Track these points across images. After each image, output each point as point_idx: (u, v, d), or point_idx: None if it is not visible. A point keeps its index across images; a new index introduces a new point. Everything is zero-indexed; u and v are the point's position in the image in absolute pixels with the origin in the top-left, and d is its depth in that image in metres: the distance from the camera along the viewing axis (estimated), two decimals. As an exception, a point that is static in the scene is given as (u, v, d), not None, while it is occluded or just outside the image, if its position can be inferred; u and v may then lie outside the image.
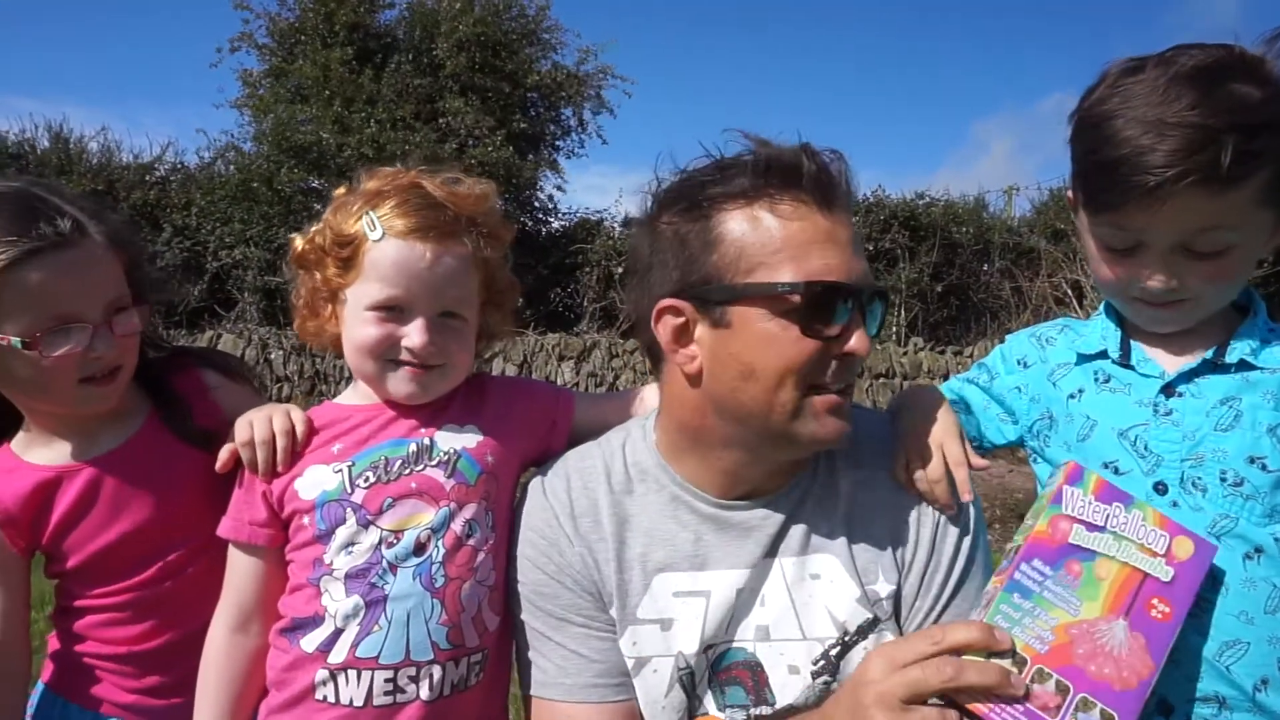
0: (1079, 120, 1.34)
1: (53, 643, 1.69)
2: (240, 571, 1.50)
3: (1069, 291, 12.26)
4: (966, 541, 1.35)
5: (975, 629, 1.08)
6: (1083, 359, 1.51)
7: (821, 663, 1.32)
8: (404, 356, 1.44)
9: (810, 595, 1.33)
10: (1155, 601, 1.12)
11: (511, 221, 1.60)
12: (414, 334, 1.42)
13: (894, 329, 12.41)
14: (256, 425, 1.47)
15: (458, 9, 13.53)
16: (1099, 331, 1.52)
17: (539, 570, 1.42)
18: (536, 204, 14.87)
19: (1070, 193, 1.46)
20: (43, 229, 1.41)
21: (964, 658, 1.07)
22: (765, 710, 1.33)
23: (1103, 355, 1.49)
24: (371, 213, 1.43)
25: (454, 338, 1.46)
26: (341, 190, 1.52)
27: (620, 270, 12.45)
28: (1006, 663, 1.06)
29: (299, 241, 1.53)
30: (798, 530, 1.35)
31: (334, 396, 1.70)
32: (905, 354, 10.87)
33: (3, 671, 1.57)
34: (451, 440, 1.48)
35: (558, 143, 15.45)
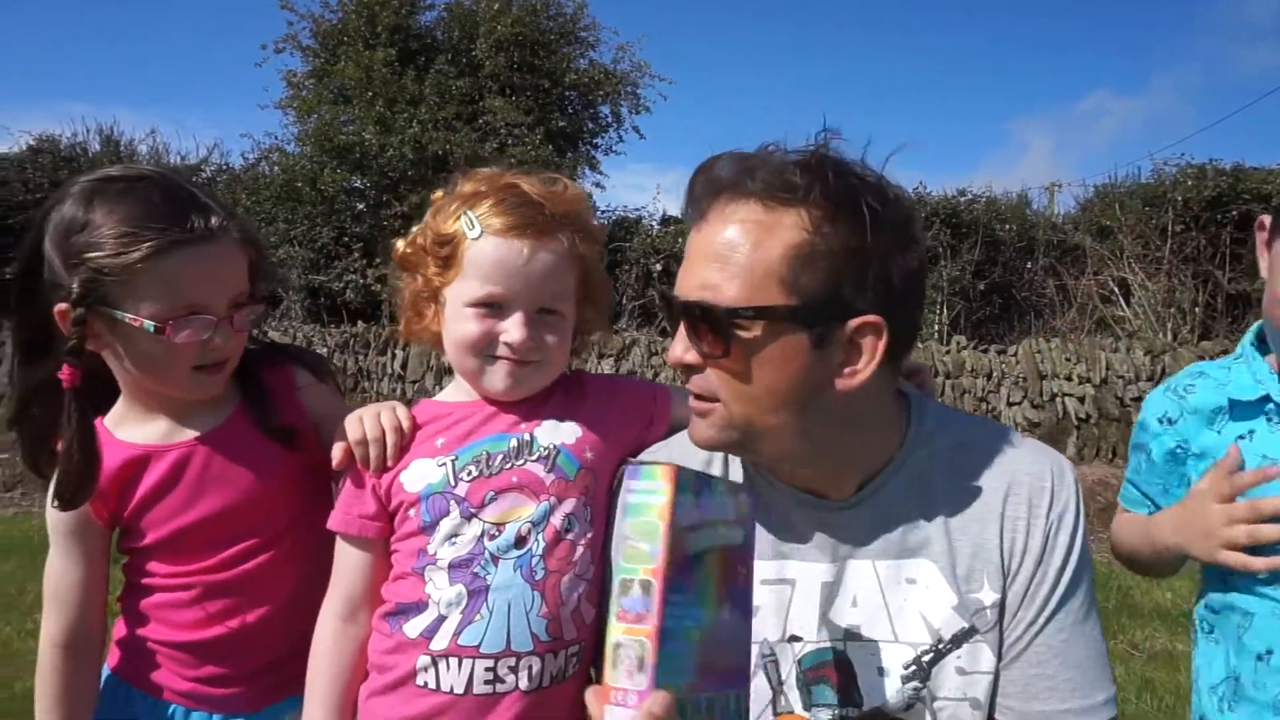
0: None
1: (118, 626, 1.74)
2: (348, 564, 1.53)
3: (1115, 290, 12.07)
4: (1075, 554, 1.32)
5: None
6: (1241, 404, 1.61)
7: (913, 668, 1.31)
8: (502, 352, 1.46)
9: (905, 599, 1.32)
10: (739, 569, 1.14)
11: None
12: (512, 329, 1.44)
13: (936, 328, 12.29)
14: (367, 423, 1.50)
15: (496, 9, 13.63)
16: (1249, 375, 1.61)
17: None
18: (575, 202, 14.89)
19: (1263, 227, 1.51)
20: (194, 222, 1.47)
21: None
22: (853, 712, 1.32)
23: (1265, 400, 1.59)
24: (469, 212, 1.45)
25: (550, 333, 1.48)
26: (439, 194, 1.56)
27: (659, 268, 12.47)
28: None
29: (400, 245, 1.56)
30: (893, 533, 1.34)
31: (375, 393, 1.75)
32: (948, 352, 10.68)
33: (80, 639, 1.65)
34: (551, 436, 1.50)
35: (595, 140, 15.51)
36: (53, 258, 1.48)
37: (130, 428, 1.63)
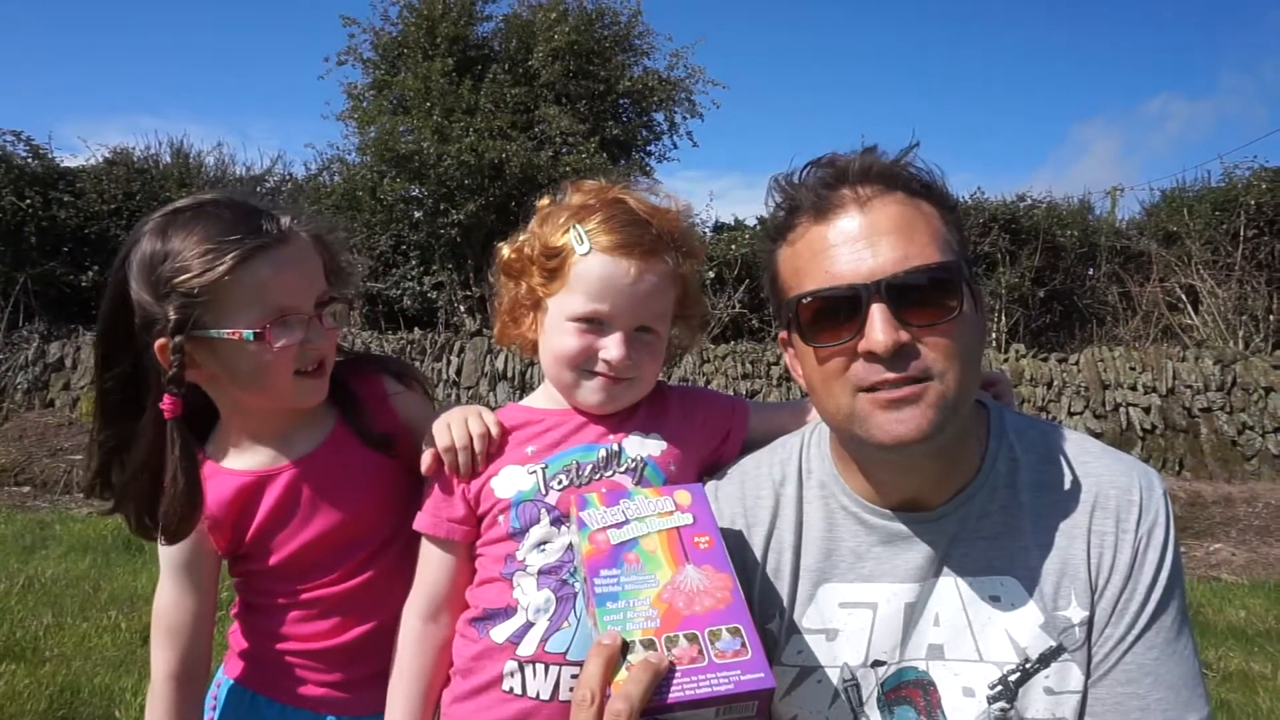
0: None
1: (237, 639, 1.77)
2: (433, 565, 1.55)
3: (1183, 297, 11.75)
4: (1166, 569, 1.28)
5: (601, 649, 1.12)
6: None
7: (999, 688, 1.28)
8: (600, 368, 1.48)
9: (989, 618, 1.29)
10: (696, 539, 1.28)
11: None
12: (612, 347, 1.46)
13: (994, 335, 12.07)
14: (455, 429, 1.52)
15: (553, 19, 13.75)
16: None
17: None
18: (628, 210, 14.94)
19: None
20: (267, 226, 1.50)
21: (616, 680, 1.11)
22: None
23: None
24: (579, 226, 1.46)
25: (647, 351, 1.50)
26: (545, 201, 1.57)
27: (711, 275, 12.45)
28: (643, 654, 1.13)
29: (506, 250, 1.57)
30: (975, 548, 1.31)
31: (433, 399, 1.78)
32: (1006, 361, 10.57)
33: (194, 669, 1.67)
34: (638, 448, 1.52)
35: (649, 147, 15.55)
36: (142, 296, 1.50)
37: (236, 457, 1.64)
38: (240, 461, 1.64)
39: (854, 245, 1.21)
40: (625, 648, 1.13)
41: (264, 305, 1.49)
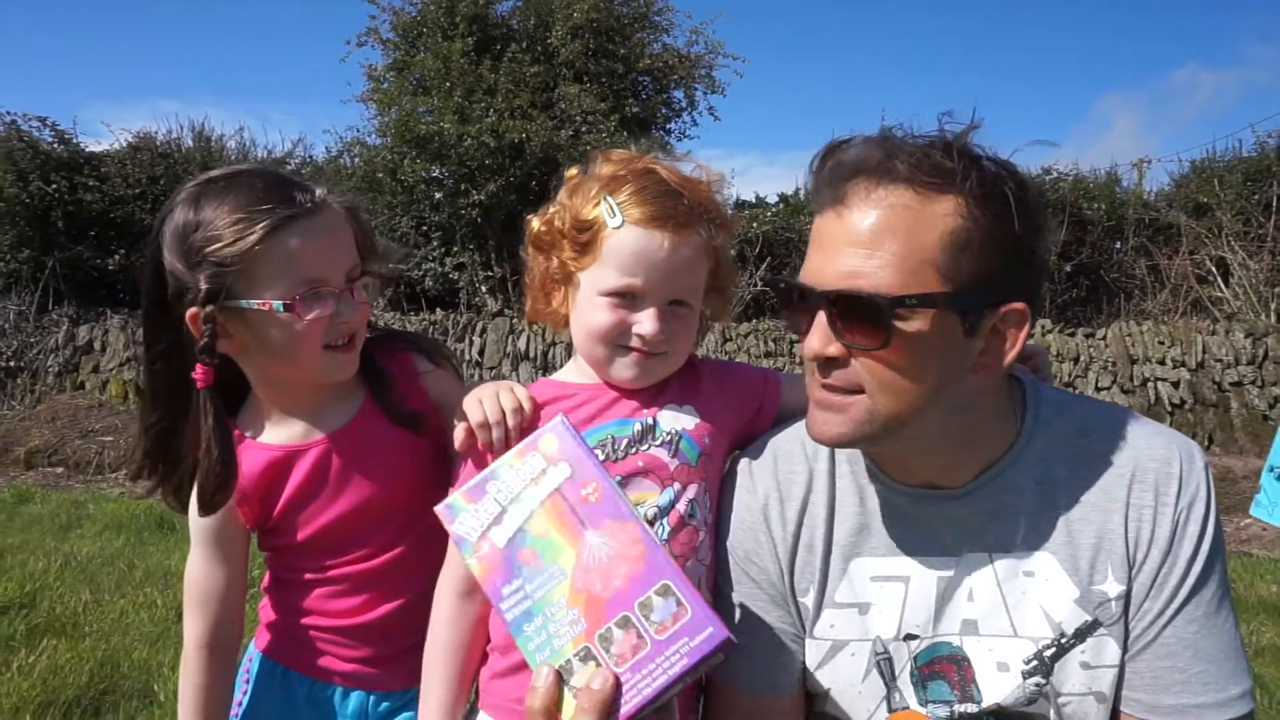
0: None
1: (267, 613, 1.79)
2: None
3: (1213, 269, 11.56)
4: (1206, 543, 1.27)
5: (536, 695, 1.07)
6: None
7: (1034, 663, 1.28)
8: (634, 343, 1.45)
9: (1023, 593, 1.29)
10: (582, 492, 1.14)
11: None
12: (646, 322, 1.43)
13: None
14: (487, 405, 1.50)
15: (571, -4, 13.66)
16: None
17: (741, 551, 1.43)
18: (649, 188, 14.87)
19: None
20: (299, 197, 1.49)
21: (565, 706, 1.06)
22: (971, 708, 1.30)
23: None
24: (610, 198, 1.43)
25: (681, 325, 1.47)
26: (573, 171, 1.54)
27: (733, 253, 12.39)
28: (585, 669, 1.06)
29: (536, 223, 1.54)
30: (1009, 525, 1.30)
31: (463, 378, 1.76)
32: (1032, 337, 10.38)
33: (225, 639, 1.69)
34: (672, 421, 1.50)
35: (669, 125, 15.44)
36: (175, 266, 1.50)
37: (266, 431, 1.65)
38: (270, 436, 1.65)
39: (827, 246, 1.22)
40: (561, 673, 1.07)
41: (295, 275, 1.48)
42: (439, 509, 1.22)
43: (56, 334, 11.19)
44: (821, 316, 1.20)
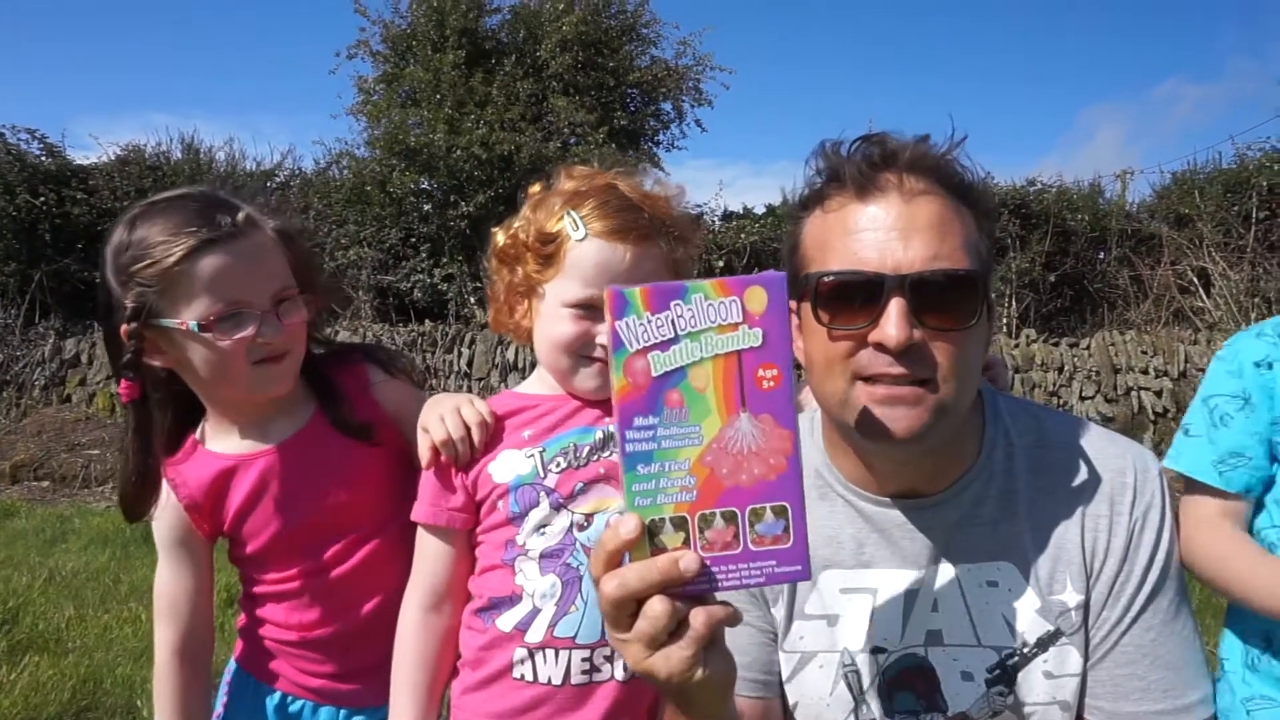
0: None
1: (241, 623, 1.81)
2: (432, 554, 1.55)
3: (1194, 279, 11.64)
4: (1162, 552, 1.28)
5: (608, 537, 0.97)
6: None
7: (998, 672, 1.28)
8: (597, 354, 1.48)
9: (986, 603, 1.29)
10: (760, 373, 1.00)
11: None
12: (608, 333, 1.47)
13: (1004, 320, 12.01)
14: (449, 420, 1.51)
15: (560, 9, 13.73)
16: None
17: None
18: (637, 199, 14.92)
19: None
20: (219, 220, 1.52)
21: (624, 567, 0.97)
22: (938, 717, 1.31)
23: None
24: (573, 212, 1.47)
25: None
26: (536, 187, 1.58)
27: (721, 264, 12.44)
28: (675, 537, 0.98)
29: (500, 236, 1.57)
30: (973, 535, 1.31)
31: (442, 390, 1.77)
32: (1016, 346, 10.50)
33: (196, 646, 1.71)
34: None
35: (658, 137, 15.52)
36: (111, 283, 1.55)
37: (218, 440, 1.68)
38: (221, 445, 1.68)
39: (888, 233, 1.18)
40: (650, 528, 0.98)
41: (213, 298, 1.51)
42: (610, 289, 1.02)
43: (43, 347, 11.13)
44: (897, 305, 1.15)
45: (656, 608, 0.93)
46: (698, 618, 0.94)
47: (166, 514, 1.70)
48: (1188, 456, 1.54)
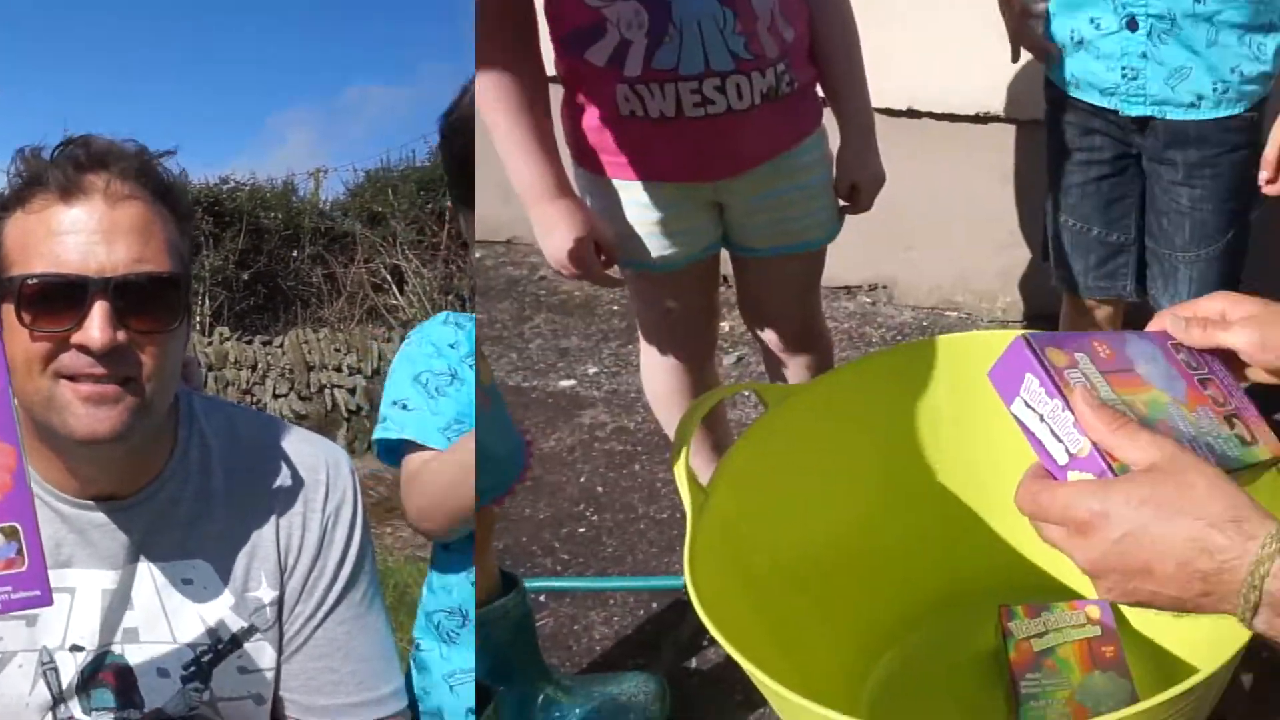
0: None
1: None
2: None
3: (388, 277, 12.50)
4: (354, 547, 1.28)
5: None
6: None
7: (193, 668, 1.28)
8: None
9: (181, 601, 1.28)
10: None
11: None
12: None
13: (198, 319, 11.56)
14: None
15: None
16: None
17: None
18: None
19: None
20: None
21: None
22: (134, 714, 1.29)
23: None
24: None
25: None
26: None
27: None
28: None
29: None
30: (170, 534, 1.26)
31: None
32: (210, 344, 10.24)
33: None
34: None
35: None
36: None
37: None
38: None
39: (92, 236, 1.13)
40: None
41: None
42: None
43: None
44: (100, 308, 1.12)
45: None
46: None
47: None
48: (413, 425, 1.61)
